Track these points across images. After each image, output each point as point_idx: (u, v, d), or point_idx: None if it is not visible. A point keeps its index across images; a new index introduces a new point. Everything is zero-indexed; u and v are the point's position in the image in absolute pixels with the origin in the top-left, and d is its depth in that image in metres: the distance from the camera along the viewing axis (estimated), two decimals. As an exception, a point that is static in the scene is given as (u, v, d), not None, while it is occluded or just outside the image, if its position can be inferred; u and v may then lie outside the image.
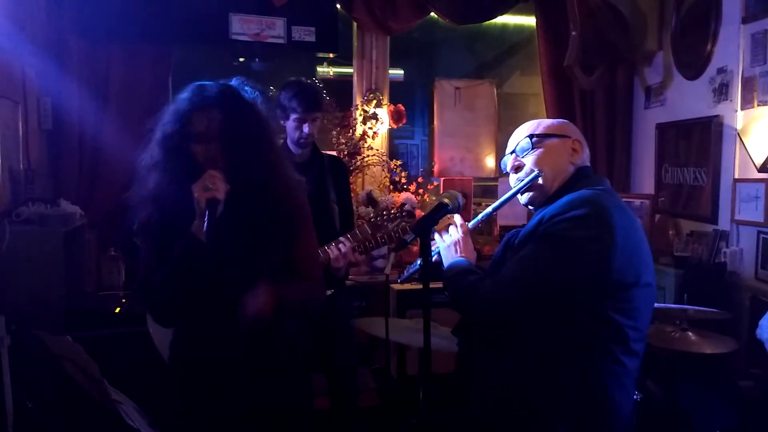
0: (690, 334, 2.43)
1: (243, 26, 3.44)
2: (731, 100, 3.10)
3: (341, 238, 2.45)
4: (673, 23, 3.51)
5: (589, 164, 1.61)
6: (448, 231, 1.68)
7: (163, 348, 2.22)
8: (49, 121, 3.11)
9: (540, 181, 1.54)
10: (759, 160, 2.88)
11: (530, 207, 1.61)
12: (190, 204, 1.52)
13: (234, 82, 1.74)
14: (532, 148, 1.57)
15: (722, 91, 3.16)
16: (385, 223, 2.45)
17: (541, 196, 1.56)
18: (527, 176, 1.56)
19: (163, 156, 1.61)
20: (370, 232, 2.44)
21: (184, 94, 1.65)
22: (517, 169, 1.60)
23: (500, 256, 1.61)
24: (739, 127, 3.05)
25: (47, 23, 3.12)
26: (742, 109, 3.04)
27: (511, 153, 1.63)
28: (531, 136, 1.57)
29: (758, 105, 2.92)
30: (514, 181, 1.61)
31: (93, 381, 1.52)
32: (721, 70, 3.17)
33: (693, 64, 3.36)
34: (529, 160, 1.57)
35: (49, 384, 2.01)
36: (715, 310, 2.49)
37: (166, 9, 3.26)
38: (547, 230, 1.40)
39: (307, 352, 1.84)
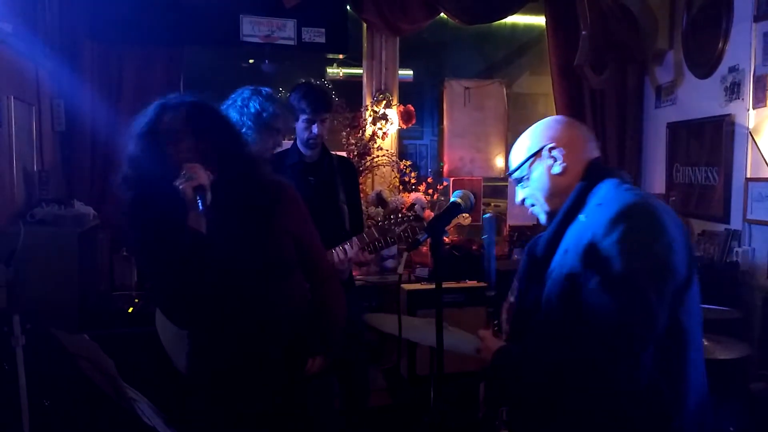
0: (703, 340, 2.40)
1: (253, 28, 3.46)
2: (743, 99, 3.08)
3: (346, 243, 2.46)
4: (684, 22, 3.50)
5: (594, 154, 1.53)
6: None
7: (171, 349, 2.23)
8: (63, 122, 3.14)
9: (544, 208, 1.53)
10: (771, 159, 2.86)
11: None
12: (163, 199, 1.57)
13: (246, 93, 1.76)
14: (522, 183, 1.56)
15: (734, 90, 3.14)
16: (393, 227, 2.46)
17: (554, 216, 1.52)
18: (530, 207, 1.57)
19: (138, 155, 1.68)
20: (377, 235, 2.46)
21: (147, 119, 1.70)
22: (525, 200, 1.58)
23: (526, 269, 1.57)
24: (751, 126, 3.03)
25: (61, 26, 3.15)
26: (753, 108, 3.02)
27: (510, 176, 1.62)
28: (511, 173, 1.57)
29: (770, 104, 2.90)
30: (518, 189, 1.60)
31: (109, 379, 1.54)
32: (732, 69, 3.15)
33: (704, 62, 3.35)
34: (522, 193, 1.57)
35: (65, 382, 2.03)
36: (725, 308, 2.47)
37: (177, 11, 3.28)
38: (610, 263, 1.31)
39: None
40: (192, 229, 1.55)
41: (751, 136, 3.01)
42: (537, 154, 1.52)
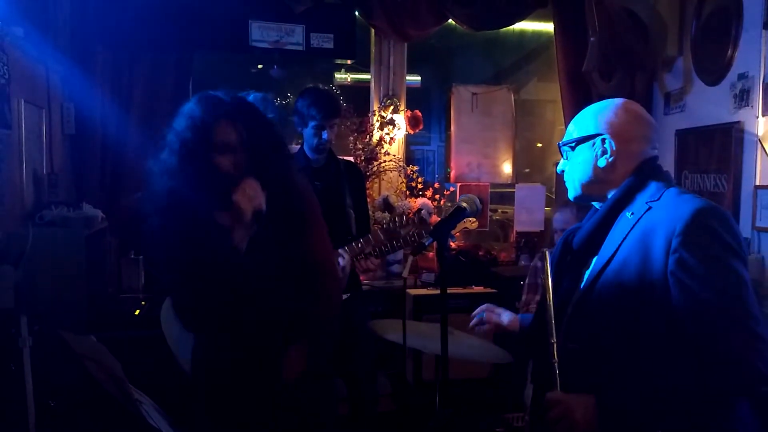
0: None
1: (262, 33, 3.48)
2: (752, 107, 3.07)
3: (339, 250, 2.46)
4: (693, 29, 3.49)
5: (650, 154, 1.48)
6: None
7: (177, 348, 2.24)
8: (73, 126, 3.17)
9: (576, 191, 1.52)
10: (781, 167, 2.84)
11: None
12: (207, 212, 1.53)
13: (251, 97, 1.73)
14: (565, 156, 1.54)
15: (743, 97, 3.13)
16: (398, 229, 2.47)
17: (577, 199, 1.54)
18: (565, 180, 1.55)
19: (180, 165, 1.59)
20: (382, 238, 2.47)
21: (200, 105, 1.63)
22: (562, 171, 1.57)
23: (559, 258, 1.55)
24: (760, 133, 3.01)
25: (72, 30, 3.18)
26: (763, 115, 3.00)
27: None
28: (561, 146, 1.53)
29: (780, 111, 2.89)
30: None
31: (115, 380, 1.54)
32: (741, 76, 3.14)
33: (713, 69, 3.33)
34: (562, 165, 1.55)
35: (72, 384, 2.04)
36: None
37: (187, 17, 3.31)
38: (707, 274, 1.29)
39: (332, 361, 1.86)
40: (234, 248, 1.53)
41: (761, 143, 2.99)
42: (589, 138, 1.48)
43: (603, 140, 1.46)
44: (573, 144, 1.51)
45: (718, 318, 1.28)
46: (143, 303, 3.03)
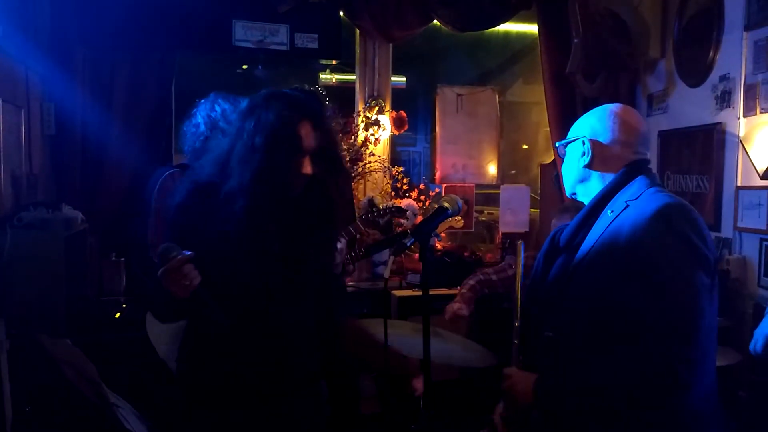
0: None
1: (246, 33, 3.46)
2: (733, 108, 3.10)
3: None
4: (676, 31, 3.51)
5: (637, 156, 1.58)
6: None
7: (161, 349, 2.21)
8: (53, 126, 3.12)
9: (569, 188, 1.66)
10: (761, 168, 2.87)
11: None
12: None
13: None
14: (561, 156, 1.69)
15: (725, 99, 3.16)
16: (377, 219, 2.50)
17: (574, 196, 1.67)
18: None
19: (262, 162, 1.52)
20: (363, 227, 2.50)
21: (282, 103, 1.57)
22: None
23: (545, 253, 1.66)
24: (741, 134, 3.04)
25: (52, 29, 3.14)
26: (744, 116, 3.03)
27: None
28: (557, 146, 1.70)
29: (761, 112, 2.92)
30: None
31: (92, 384, 1.51)
32: (723, 78, 3.17)
33: (695, 71, 3.36)
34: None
35: (48, 388, 2.00)
36: (717, 317, 2.47)
37: (170, 16, 3.27)
38: (654, 263, 1.37)
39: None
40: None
41: (742, 144, 3.02)
42: (574, 140, 1.62)
43: (583, 142, 1.60)
44: (564, 145, 1.66)
45: (657, 323, 1.34)
46: (124, 306, 2.99)
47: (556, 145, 1.71)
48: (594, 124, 1.62)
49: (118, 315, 2.88)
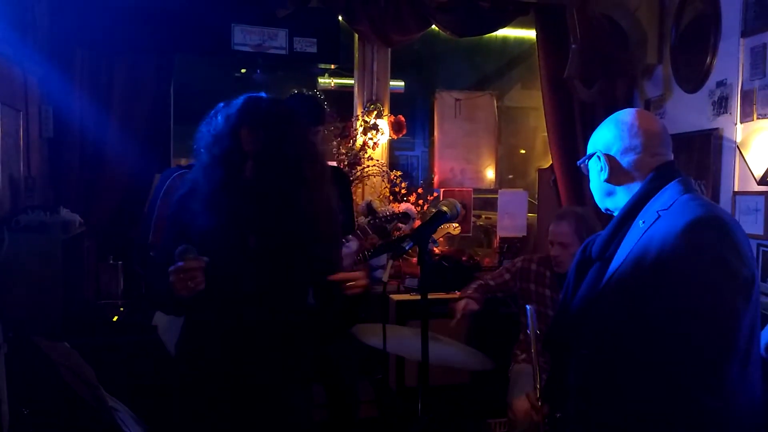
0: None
1: (245, 37, 3.46)
2: (730, 114, 3.11)
3: (350, 236, 2.48)
4: (673, 37, 3.53)
5: (661, 160, 1.52)
6: None
7: (168, 340, 2.20)
8: (51, 129, 3.12)
9: (600, 204, 1.60)
10: (758, 173, 2.88)
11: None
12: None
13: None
14: (586, 173, 1.63)
15: (721, 105, 3.17)
16: (384, 224, 2.50)
17: (607, 211, 1.60)
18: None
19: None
20: (370, 232, 2.50)
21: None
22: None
23: (576, 266, 1.61)
24: (738, 140, 3.05)
25: (51, 32, 3.14)
26: (741, 122, 3.05)
27: None
28: (580, 165, 1.64)
29: (758, 118, 2.93)
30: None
31: (89, 387, 1.51)
32: (720, 84, 3.18)
33: (692, 77, 3.38)
34: None
35: (46, 391, 2.00)
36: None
37: (169, 20, 3.27)
38: (685, 279, 1.31)
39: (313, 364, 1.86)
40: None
41: (739, 149, 3.03)
42: (590, 156, 1.59)
43: (598, 157, 1.55)
44: (585, 163, 1.61)
45: (679, 343, 1.29)
46: (122, 309, 2.98)
47: (578, 164, 1.66)
48: (605, 135, 1.57)
49: (115, 318, 2.87)
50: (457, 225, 3.67)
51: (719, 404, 1.28)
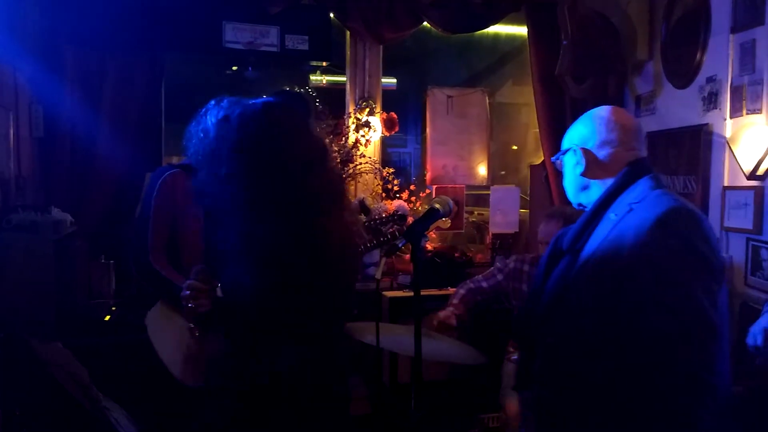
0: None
1: (236, 34, 3.45)
2: (720, 109, 3.13)
3: None
4: (663, 33, 3.55)
5: (634, 155, 1.55)
6: None
7: (168, 352, 2.18)
8: (41, 128, 3.10)
9: (573, 199, 1.63)
10: (748, 168, 2.90)
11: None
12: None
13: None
14: (560, 168, 1.66)
15: (711, 100, 3.19)
16: (380, 227, 2.49)
17: (579, 206, 1.63)
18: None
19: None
20: (366, 236, 2.49)
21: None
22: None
23: (548, 258, 1.63)
24: (728, 135, 3.07)
25: (41, 31, 3.12)
26: (731, 117, 3.06)
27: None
28: (554, 162, 1.67)
29: (747, 114, 2.95)
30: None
31: (82, 387, 1.51)
32: (710, 79, 3.20)
33: (683, 73, 3.39)
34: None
35: (39, 391, 1.99)
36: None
37: (160, 17, 3.26)
38: (660, 271, 1.34)
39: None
40: None
41: (728, 145, 3.05)
42: (565, 152, 1.62)
43: (574, 151, 1.59)
44: (559, 159, 1.65)
45: (665, 330, 1.32)
46: (114, 308, 2.98)
47: (552, 160, 1.69)
48: (581, 131, 1.61)
49: (107, 318, 2.86)
50: (447, 220, 3.68)
51: (714, 378, 1.32)
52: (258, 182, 1.44)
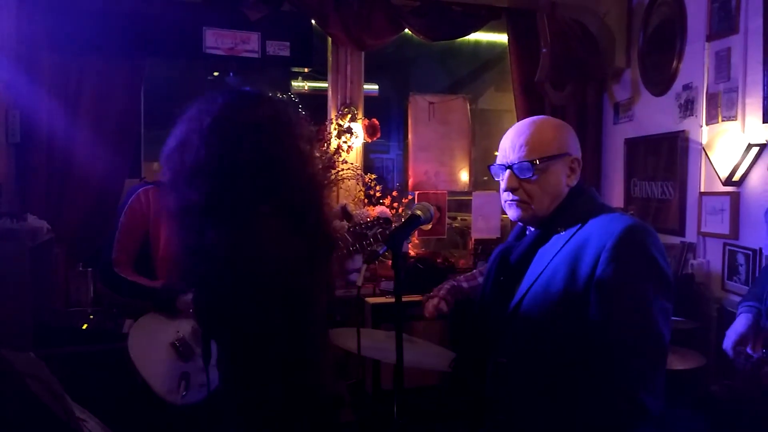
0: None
1: (217, 40, 3.43)
2: (696, 116, 3.19)
3: None
4: (640, 41, 3.61)
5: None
6: None
7: (157, 376, 2.15)
8: (18, 134, 3.05)
9: (533, 207, 1.48)
10: (723, 174, 2.95)
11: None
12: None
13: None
14: (532, 175, 1.46)
15: (688, 107, 3.25)
16: (365, 231, 2.49)
17: (534, 220, 1.51)
18: (513, 201, 1.49)
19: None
20: (351, 240, 2.48)
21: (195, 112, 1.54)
22: (514, 190, 1.49)
23: (494, 276, 1.58)
24: (704, 141, 3.13)
25: (17, 35, 3.07)
26: (707, 124, 3.12)
27: (508, 167, 1.50)
28: (533, 162, 1.45)
29: (722, 120, 3.01)
30: (506, 196, 1.51)
31: (57, 398, 1.48)
32: (686, 87, 3.26)
33: (660, 80, 3.45)
34: (527, 188, 1.48)
35: (13, 403, 1.95)
36: (681, 318, 2.53)
37: (139, 23, 3.23)
38: (622, 289, 1.34)
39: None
40: None
41: (704, 151, 3.10)
42: (564, 155, 1.49)
43: (572, 160, 1.52)
44: (546, 161, 1.52)
45: (620, 344, 1.32)
46: (91, 317, 2.93)
47: (536, 161, 1.51)
48: (567, 138, 1.55)
49: (85, 326, 2.81)
50: (428, 225, 3.69)
51: (656, 405, 1.31)
52: (223, 181, 1.43)
